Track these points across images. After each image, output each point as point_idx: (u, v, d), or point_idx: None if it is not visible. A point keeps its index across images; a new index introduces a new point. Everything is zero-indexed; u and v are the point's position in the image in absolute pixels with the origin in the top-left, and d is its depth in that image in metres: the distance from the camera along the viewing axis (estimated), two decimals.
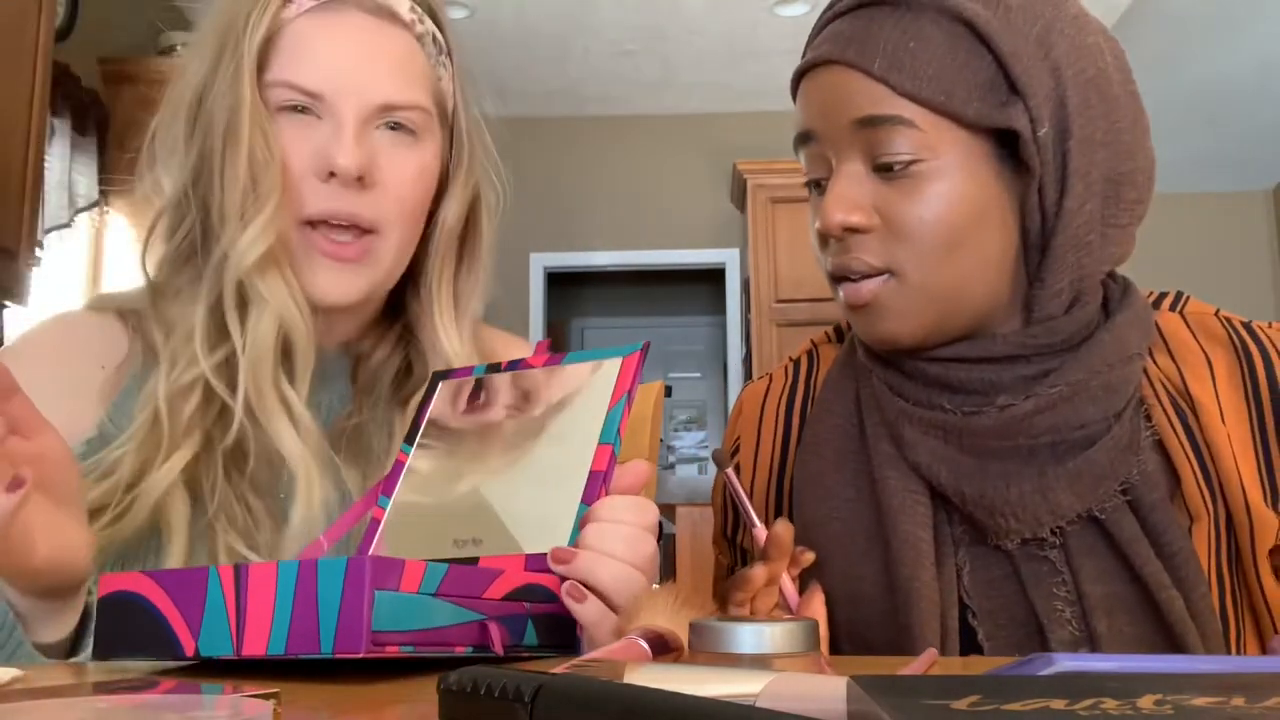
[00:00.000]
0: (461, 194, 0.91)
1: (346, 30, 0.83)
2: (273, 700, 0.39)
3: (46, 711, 0.38)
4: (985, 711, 0.30)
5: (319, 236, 0.82)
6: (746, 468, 0.93)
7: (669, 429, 7.11)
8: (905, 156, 0.76)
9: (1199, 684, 0.33)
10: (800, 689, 0.39)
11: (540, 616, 0.63)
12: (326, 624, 0.52)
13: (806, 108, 0.81)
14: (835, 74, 0.78)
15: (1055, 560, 0.77)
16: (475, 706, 0.35)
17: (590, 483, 0.68)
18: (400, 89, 0.84)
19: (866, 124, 0.76)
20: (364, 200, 0.82)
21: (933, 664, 0.60)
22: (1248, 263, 5.90)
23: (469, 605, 0.58)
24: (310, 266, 0.82)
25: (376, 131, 0.83)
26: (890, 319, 0.78)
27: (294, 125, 0.82)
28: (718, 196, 5.65)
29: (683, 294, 6.92)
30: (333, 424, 0.87)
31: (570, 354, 0.75)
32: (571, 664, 0.46)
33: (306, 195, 0.81)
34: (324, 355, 0.88)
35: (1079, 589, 0.75)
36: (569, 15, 4.74)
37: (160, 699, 0.44)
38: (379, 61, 0.84)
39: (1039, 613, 0.76)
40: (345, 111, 0.81)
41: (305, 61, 0.82)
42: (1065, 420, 0.76)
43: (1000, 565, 0.78)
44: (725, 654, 0.45)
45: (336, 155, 0.80)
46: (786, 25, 4.87)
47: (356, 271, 0.83)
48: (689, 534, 2.32)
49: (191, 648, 0.56)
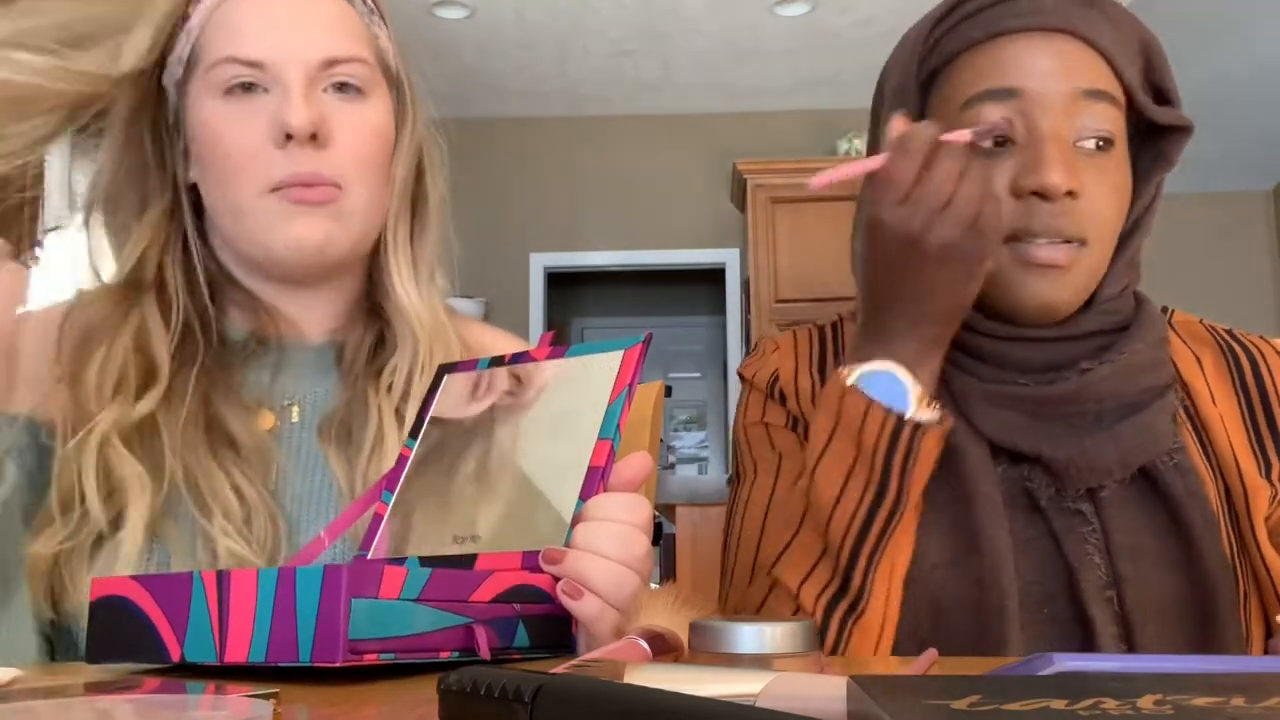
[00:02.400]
0: (409, 150, 0.92)
1: (277, 1, 0.85)
2: (273, 700, 0.39)
3: (46, 711, 0.38)
4: (985, 711, 0.30)
5: (287, 192, 0.83)
6: (790, 396, 0.92)
7: (669, 429, 7.11)
8: (1107, 134, 0.83)
9: (1199, 684, 0.33)
10: (800, 689, 0.39)
11: (532, 618, 0.63)
12: (305, 633, 0.52)
13: (1017, 66, 0.83)
14: (1060, 42, 0.83)
15: (1086, 512, 0.82)
16: (475, 706, 0.35)
17: (588, 478, 0.68)
18: (339, 44, 0.85)
19: (1090, 96, 0.82)
20: (322, 158, 0.83)
21: (933, 664, 0.60)
22: (1248, 263, 5.91)
23: (454, 609, 0.58)
24: (282, 221, 0.83)
25: (325, 95, 0.84)
26: (1070, 286, 0.83)
27: (243, 103, 0.83)
28: (718, 196, 5.65)
29: (683, 294, 6.92)
30: (320, 417, 0.87)
31: (573, 346, 0.75)
32: (571, 664, 0.46)
33: (267, 164, 0.82)
34: (311, 348, 0.90)
35: (1108, 537, 0.81)
36: (569, 15, 4.74)
37: (160, 699, 0.44)
38: (314, 23, 0.85)
39: (1069, 555, 0.81)
40: (289, 75, 0.83)
41: (242, 35, 0.84)
42: (1128, 385, 0.83)
43: (1035, 525, 0.83)
44: (725, 654, 0.45)
45: (288, 116, 0.81)
46: (786, 25, 4.88)
47: (324, 214, 0.84)
48: (689, 534, 2.32)
49: (177, 653, 0.56)
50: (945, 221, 0.74)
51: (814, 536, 0.79)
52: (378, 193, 0.88)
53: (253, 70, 0.83)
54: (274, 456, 0.83)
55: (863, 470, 0.77)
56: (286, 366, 0.89)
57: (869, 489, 0.77)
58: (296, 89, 0.82)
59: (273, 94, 0.83)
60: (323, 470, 0.84)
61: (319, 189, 0.83)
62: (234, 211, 0.85)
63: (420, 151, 0.94)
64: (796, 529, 0.81)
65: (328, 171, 0.83)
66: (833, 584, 0.78)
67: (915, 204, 0.74)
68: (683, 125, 5.77)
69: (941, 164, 0.74)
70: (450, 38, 4.77)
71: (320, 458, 0.85)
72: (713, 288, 6.15)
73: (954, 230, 0.74)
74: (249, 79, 0.83)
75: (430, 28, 4.61)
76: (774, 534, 0.85)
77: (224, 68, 0.83)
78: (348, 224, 0.85)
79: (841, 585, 0.78)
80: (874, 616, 0.78)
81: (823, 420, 0.80)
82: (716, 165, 5.62)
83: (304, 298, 0.90)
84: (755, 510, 0.89)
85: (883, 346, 0.79)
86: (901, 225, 0.75)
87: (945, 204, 0.74)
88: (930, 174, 0.74)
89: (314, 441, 0.86)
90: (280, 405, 0.87)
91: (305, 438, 0.86)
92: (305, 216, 0.83)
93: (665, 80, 5.44)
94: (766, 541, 0.86)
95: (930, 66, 0.88)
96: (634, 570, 0.65)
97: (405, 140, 0.91)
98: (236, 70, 0.83)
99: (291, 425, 0.87)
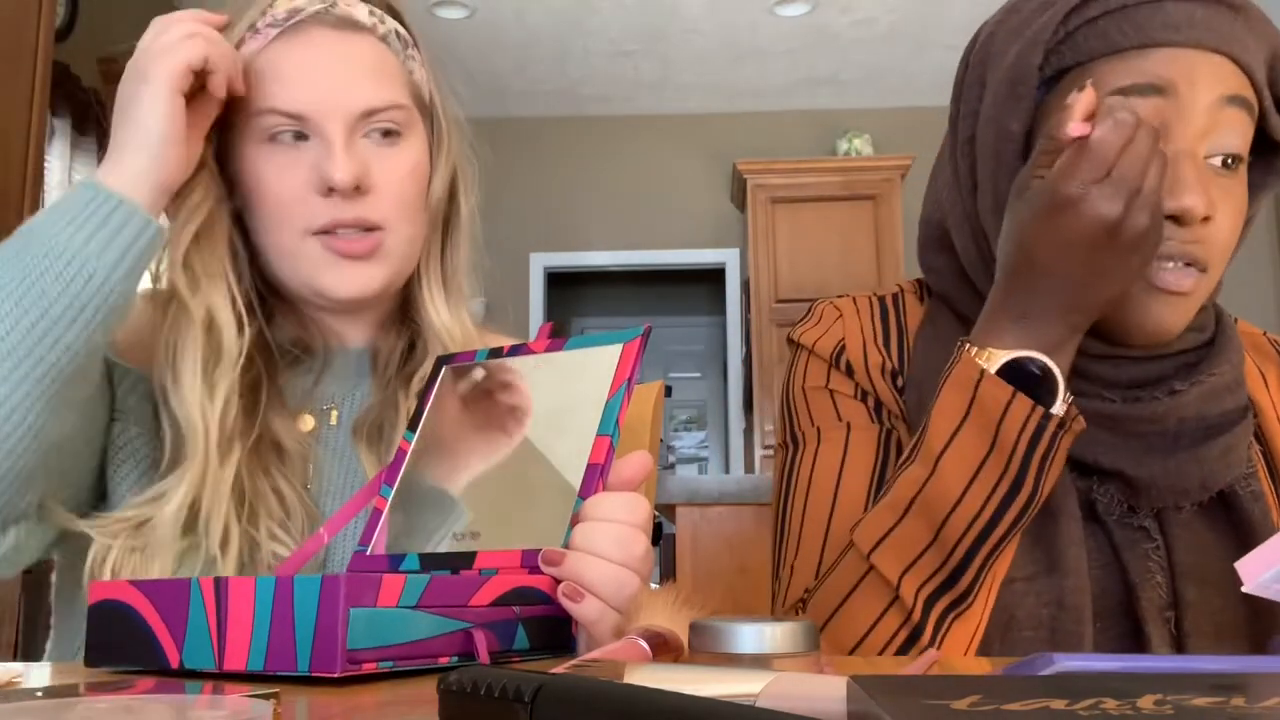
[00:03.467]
0: (444, 172, 0.94)
1: (314, 49, 0.86)
2: (273, 700, 0.39)
3: (46, 711, 0.38)
4: (985, 711, 0.30)
5: (330, 238, 0.85)
6: (859, 368, 0.88)
7: (669, 429, 7.11)
8: (1237, 152, 0.79)
9: (1199, 684, 0.33)
10: (800, 689, 0.39)
11: (532, 619, 0.62)
12: (303, 643, 0.52)
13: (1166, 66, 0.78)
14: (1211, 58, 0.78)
15: (1150, 529, 0.80)
16: (475, 706, 0.35)
17: (588, 476, 0.67)
18: (378, 93, 0.87)
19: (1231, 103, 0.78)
20: (365, 204, 0.85)
21: (933, 664, 0.60)
22: (1248, 263, 5.90)
23: (453, 615, 0.57)
24: (326, 267, 0.86)
25: (364, 140, 0.86)
26: (1187, 313, 0.80)
27: (285, 150, 0.85)
28: (718, 196, 5.65)
29: (683, 294, 6.92)
30: (355, 417, 0.90)
31: (572, 339, 0.75)
32: (571, 664, 0.46)
33: (311, 210, 0.85)
34: (348, 354, 0.93)
35: (1171, 556, 0.79)
36: (569, 16, 4.75)
37: (160, 698, 0.44)
38: (352, 72, 0.87)
39: (1130, 572, 0.79)
40: (331, 127, 0.84)
41: (284, 85, 0.85)
42: (1211, 407, 0.81)
43: (1094, 537, 0.80)
44: (725, 654, 0.45)
45: (331, 172, 0.83)
46: (786, 25, 4.88)
47: (370, 265, 0.87)
48: (689, 534, 2.32)
49: (176, 659, 0.56)
50: (1140, 206, 0.69)
51: (923, 525, 0.74)
52: (417, 228, 0.91)
53: (294, 122, 0.84)
54: (311, 457, 0.87)
55: (997, 465, 0.72)
56: (328, 372, 0.92)
57: (1001, 485, 0.73)
58: (338, 141, 0.84)
59: (313, 142, 0.85)
60: (356, 468, 0.87)
61: (361, 242, 0.85)
62: (278, 251, 0.87)
63: (455, 172, 0.95)
64: (901, 515, 0.75)
65: (371, 215, 0.85)
66: (938, 576, 0.74)
67: (1115, 184, 0.69)
68: (683, 125, 5.77)
69: (1139, 143, 0.69)
70: (450, 38, 4.77)
71: (355, 457, 0.88)
72: (713, 288, 6.16)
73: (1145, 216, 0.69)
74: (291, 129, 0.85)
75: (430, 28, 4.59)
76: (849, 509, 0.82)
77: (266, 118, 0.85)
78: (391, 263, 0.88)
79: (948, 579, 0.74)
80: (974, 615, 0.76)
81: (951, 405, 0.74)
82: (716, 165, 5.63)
83: (347, 315, 0.93)
84: (823, 481, 0.85)
85: (1026, 329, 0.74)
86: (1101, 205, 0.69)
87: (1139, 188, 0.69)
88: (1129, 152, 0.69)
89: (349, 440, 0.89)
90: (321, 409, 0.91)
91: (343, 438, 0.89)
92: (352, 269, 0.86)
93: (665, 80, 5.44)
94: (840, 517, 0.83)
95: (1064, 62, 0.80)
96: (634, 571, 0.65)
97: (441, 165, 0.93)
98: (278, 121, 0.84)
99: (330, 428, 0.90)
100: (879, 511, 0.77)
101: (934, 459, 0.74)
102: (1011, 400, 0.72)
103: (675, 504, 2.31)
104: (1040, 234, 0.72)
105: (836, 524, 0.83)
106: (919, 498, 0.75)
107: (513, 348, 0.77)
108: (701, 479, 2.43)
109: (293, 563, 0.76)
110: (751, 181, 5.18)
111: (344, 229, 0.85)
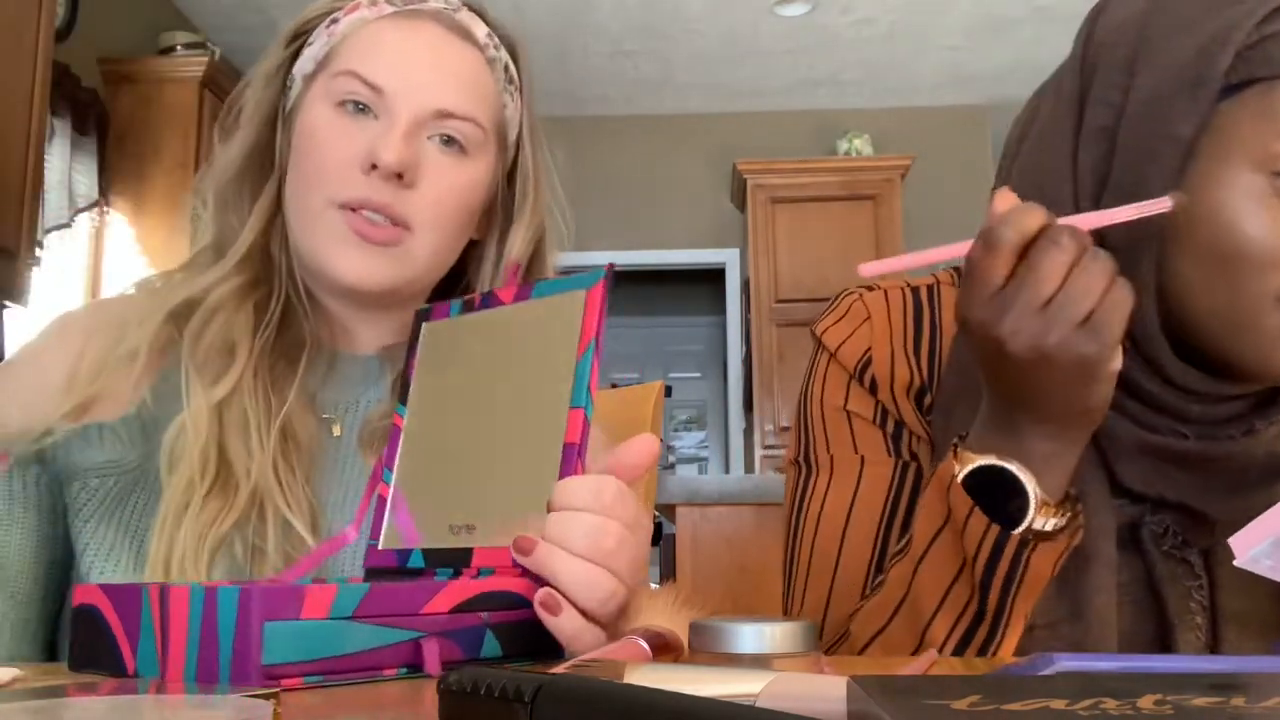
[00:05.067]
0: (528, 229, 0.92)
1: (420, 36, 0.86)
2: (273, 700, 0.39)
3: (46, 711, 0.38)
4: (985, 711, 0.30)
5: (353, 216, 0.83)
6: (883, 384, 0.84)
7: (669, 429, 7.10)
8: None
9: (1199, 684, 0.33)
10: (800, 689, 0.39)
11: (505, 625, 0.59)
12: (224, 655, 0.51)
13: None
14: None
15: (1194, 564, 0.76)
16: (475, 706, 0.35)
17: (565, 457, 0.62)
18: (460, 100, 0.85)
19: None
20: (401, 196, 0.83)
21: (933, 664, 0.60)
22: None
23: (400, 624, 0.55)
24: (340, 246, 0.83)
25: (428, 141, 0.84)
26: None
27: (352, 120, 0.84)
28: (718, 196, 5.65)
29: (683, 294, 6.92)
30: (365, 422, 0.87)
31: (538, 285, 0.69)
32: (571, 664, 0.46)
33: (346, 181, 0.82)
34: (359, 359, 0.90)
35: (1214, 596, 0.75)
36: (568, 15, 4.75)
37: (160, 698, 0.44)
38: (445, 70, 0.86)
39: (1170, 611, 0.75)
40: (401, 110, 0.83)
41: (373, 56, 0.84)
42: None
43: (1132, 566, 0.77)
44: (725, 654, 0.45)
45: (382, 151, 0.81)
46: (786, 25, 4.87)
47: (385, 256, 0.84)
48: (689, 534, 2.32)
49: (132, 666, 0.55)
50: (1045, 322, 0.63)
51: (908, 632, 0.72)
52: (450, 240, 0.88)
53: (371, 92, 0.83)
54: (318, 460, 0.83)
55: (965, 583, 0.69)
56: (333, 378, 0.89)
57: (969, 607, 0.69)
58: (401, 126, 0.82)
59: (380, 122, 0.83)
60: (359, 477, 0.84)
61: (383, 230, 0.83)
62: (302, 214, 0.85)
63: (541, 231, 0.93)
64: (890, 617, 0.72)
65: (400, 208, 0.83)
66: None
67: (1004, 301, 0.63)
68: (683, 125, 5.77)
69: (1043, 257, 0.63)
70: None
71: (361, 466, 0.84)
72: (713, 288, 6.15)
73: (1054, 332, 0.63)
74: (364, 100, 0.83)
75: None
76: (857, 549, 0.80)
77: (346, 80, 0.84)
78: (410, 264, 0.85)
79: None
80: None
81: (931, 506, 0.71)
82: (716, 165, 5.62)
83: (364, 313, 0.90)
84: (833, 518, 0.83)
85: (1009, 438, 0.68)
86: (986, 327, 0.64)
87: (1044, 303, 0.63)
88: (1027, 268, 0.63)
89: (354, 447, 0.86)
90: (322, 418, 0.87)
91: (347, 445, 0.86)
92: (365, 253, 0.83)
93: (665, 80, 5.44)
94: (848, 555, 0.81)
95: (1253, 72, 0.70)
96: (604, 568, 0.59)
97: (524, 218, 0.92)
98: (356, 87, 0.83)
99: (333, 439, 0.86)
100: (873, 608, 0.75)
101: (915, 562, 0.71)
102: (970, 514, 0.68)
103: (675, 504, 2.31)
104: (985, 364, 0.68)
105: (844, 564, 0.82)
106: (905, 601, 0.72)
107: (484, 297, 0.74)
108: (701, 479, 2.43)
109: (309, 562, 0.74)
110: (751, 181, 5.18)
111: (371, 211, 0.82)
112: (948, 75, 5.37)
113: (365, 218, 0.82)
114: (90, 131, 3.61)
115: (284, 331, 0.86)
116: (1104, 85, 0.76)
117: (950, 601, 0.69)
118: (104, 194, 3.72)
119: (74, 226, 3.55)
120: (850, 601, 0.80)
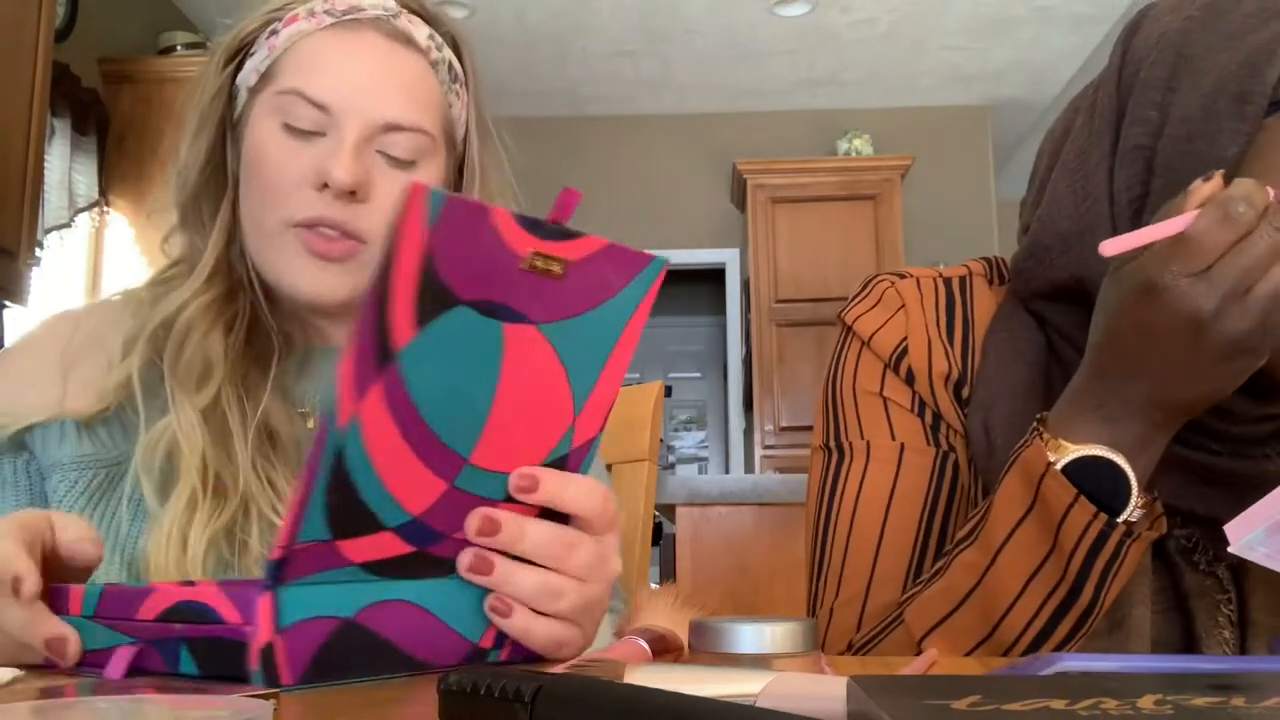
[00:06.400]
0: None
1: (361, 49, 0.86)
2: (272, 700, 0.39)
3: (45, 712, 0.38)
4: (985, 711, 0.30)
5: (308, 234, 0.84)
6: (920, 375, 0.81)
7: (669, 429, 7.10)
8: None
9: (1199, 684, 0.33)
10: (800, 689, 0.39)
11: (199, 641, 0.52)
12: None
13: None
14: None
15: (1223, 578, 0.75)
16: (475, 706, 0.35)
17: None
18: (406, 110, 0.85)
19: None
20: (354, 211, 0.84)
21: (933, 664, 0.60)
22: None
23: (122, 629, 0.55)
24: (297, 262, 0.84)
25: (376, 155, 0.85)
26: None
27: (298, 139, 0.84)
28: (718, 196, 5.65)
29: (683, 294, 6.92)
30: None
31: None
32: (571, 664, 0.46)
33: (298, 201, 0.83)
34: (334, 352, 0.90)
35: (1244, 610, 0.75)
36: (569, 15, 4.75)
37: (159, 698, 0.44)
38: (389, 82, 0.86)
39: (1197, 625, 0.74)
40: (348, 126, 0.83)
41: (317, 73, 0.84)
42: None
43: (1160, 578, 0.75)
44: (725, 654, 0.45)
45: (333, 168, 0.81)
46: (786, 25, 4.88)
47: (342, 270, 0.85)
48: (689, 534, 2.32)
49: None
50: (1241, 311, 0.61)
51: (979, 619, 0.70)
52: None
53: (317, 111, 0.83)
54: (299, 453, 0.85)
55: (1054, 570, 0.67)
56: (307, 372, 0.90)
57: (1058, 592, 0.67)
58: (349, 143, 0.82)
59: (328, 139, 0.84)
60: None
61: (339, 244, 0.84)
62: (258, 234, 0.86)
63: None
64: (957, 604, 0.70)
65: (358, 224, 0.84)
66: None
67: (1213, 282, 0.61)
68: (683, 125, 5.77)
69: (1259, 242, 0.60)
70: None
71: None
72: (713, 288, 6.16)
73: (1245, 321, 0.61)
74: (311, 121, 0.84)
75: None
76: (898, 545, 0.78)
77: (291, 99, 0.84)
78: (360, 275, 0.85)
79: None
80: None
81: (1015, 494, 0.68)
82: (716, 165, 5.63)
83: (330, 318, 0.90)
84: (871, 507, 0.80)
85: (1104, 422, 0.67)
86: (1190, 302, 0.61)
87: (1246, 290, 0.61)
88: (1242, 250, 0.60)
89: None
90: (299, 412, 0.88)
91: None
92: (322, 269, 0.84)
93: (665, 80, 5.44)
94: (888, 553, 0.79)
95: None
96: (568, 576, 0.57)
97: None
98: (301, 109, 0.83)
99: (308, 431, 0.87)
100: (934, 595, 0.72)
101: (994, 550, 0.69)
102: (1073, 504, 0.66)
103: (675, 504, 2.31)
104: (1125, 320, 0.65)
105: (885, 551, 0.79)
106: (977, 589, 0.70)
107: None
108: (701, 479, 2.43)
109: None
110: (751, 181, 5.18)
111: (326, 228, 0.83)
112: (947, 75, 5.37)
113: (320, 234, 0.83)
114: (90, 131, 3.61)
115: (254, 336, 0.87)
116: (1141, 103, 0.74)
117: (1033, 590, 0.68)
118: (104, 194, 3.73)
119: (74, 226, 3.55)
120: (891, 589, 0.78)
